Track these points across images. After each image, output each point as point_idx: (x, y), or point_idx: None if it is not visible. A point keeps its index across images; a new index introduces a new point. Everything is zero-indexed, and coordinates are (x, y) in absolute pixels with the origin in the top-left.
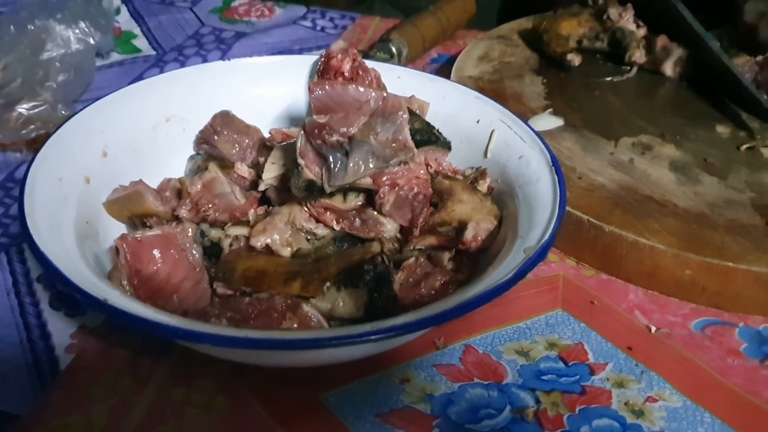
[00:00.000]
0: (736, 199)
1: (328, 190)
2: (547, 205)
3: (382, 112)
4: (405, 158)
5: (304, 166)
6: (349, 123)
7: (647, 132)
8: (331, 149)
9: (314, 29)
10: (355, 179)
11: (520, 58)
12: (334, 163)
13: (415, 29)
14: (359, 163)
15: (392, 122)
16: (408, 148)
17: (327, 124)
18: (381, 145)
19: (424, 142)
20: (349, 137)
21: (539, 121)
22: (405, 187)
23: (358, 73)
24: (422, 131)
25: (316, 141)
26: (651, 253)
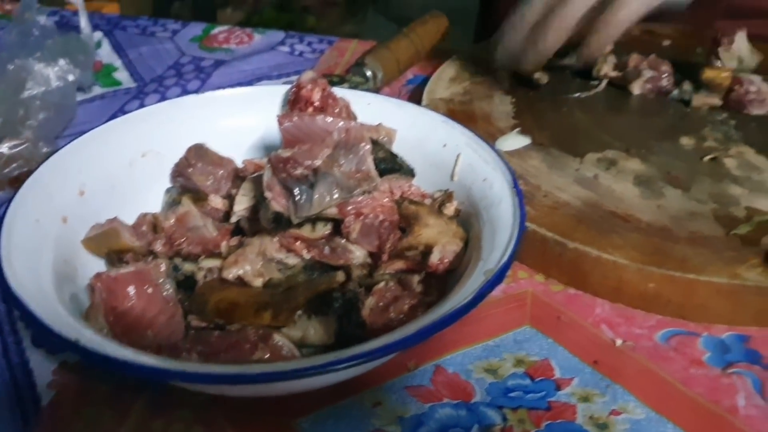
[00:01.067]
0: (698, 210)
1: (295, 221)
2: (507, 227)
3: (345, 144)
4: (368, 188)
5: (272, 199)
6: (314, 156)
7: (613, 147)
8: (296, 182)
9: (292, 54)
10: (321, 210)
11: (490, 78)
12: (300, 195)
13: (389, 52)
14: (324, 195)
15: (355, 153)
16: (371, 178)
17: (292, 157)
18: (345, 177)
19: (388, 171)
20: (314, 169)
21: (507, 141)
22: (370, 215)
23: (328, 102)
24: (386, 160)
25: (282, 174)
26: (615, 268)
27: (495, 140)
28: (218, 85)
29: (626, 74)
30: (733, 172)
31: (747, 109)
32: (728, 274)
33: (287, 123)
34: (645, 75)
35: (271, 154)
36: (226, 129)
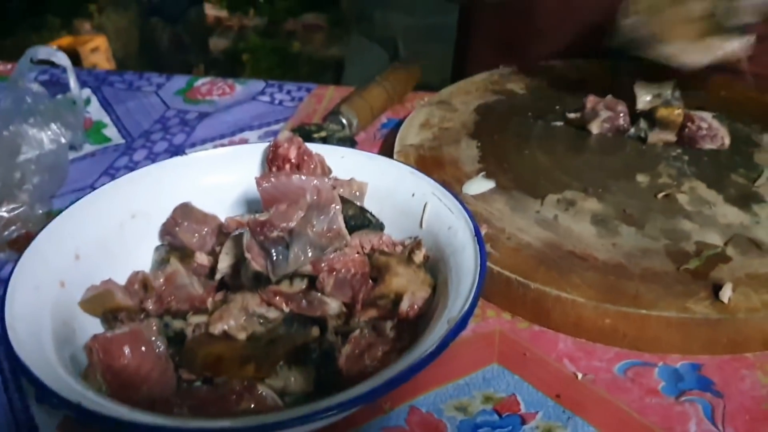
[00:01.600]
0: (651, 247)
1: (274, 279)
2: (469, 274)
3: (317, 205)
4: (339, 245)
5: (251, 259)
6: (288, 218)
7: (571, 187)
8: (273, 243)
9: (272, 103)
10: (297, 268)
11: (458, 123)
12: (276, 255)
13: (363, 101)
14: (299, 254)
15: (326, 214)
16: (341, 237)
17: (268, 221)
18: (317, 236)
19: (358, 227)
20: (289, 231)
21: (473, 185)
22: (342, 270)
23: (304, 159)
24: (356, 217)
25: (260, 237)
26: (573, 306)
27: (462, 185)
28: (203, 137)
29: (584, 115)
30: (685, 208)
31: (699, 144)
32: (678, 308)
33: (265, 184)
34: (602, 115)
35: (249, 219)
36: (210, 187)
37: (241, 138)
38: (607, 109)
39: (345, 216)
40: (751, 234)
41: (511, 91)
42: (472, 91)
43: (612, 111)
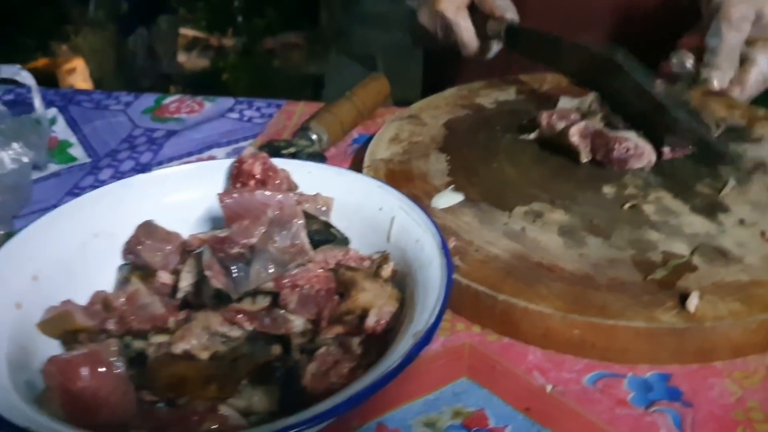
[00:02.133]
0: (618, 257)
1: (235, 297)
2: (436, 288)
3: (279, 220)
4: (302, 261)
5: (212, 277)
6: (249, 234)
7: (539, 199)
8: (233, 260)
9: (242, 120)
10: (258, 285)
11: (427, 137)
12: (237, 272)
13: (333, 116)
14: (260, 271)
15: (288, 230)
16: (304, 252)
17: (228, 237)
18: (279, 252)
19: (323, 242)
20: (250, 247)
21: (442, 199)
22: (306, 286)
23: (269, 175)
24: (320, 232)
25: (220, 254)
26: (541, 317)
27: (431, 198)
28: (170, 156)
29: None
30: (651, 218)
31: (628, 164)
32: (645, 318)
33: (228, 200)
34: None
35: (210, 235)
36: (174, 204)
37: (209, 155)
38: (561, 119)
39: (309, 231)
40: (717, 243)
41: (479, 105)
42: (442, 105)
43: (567, 120)
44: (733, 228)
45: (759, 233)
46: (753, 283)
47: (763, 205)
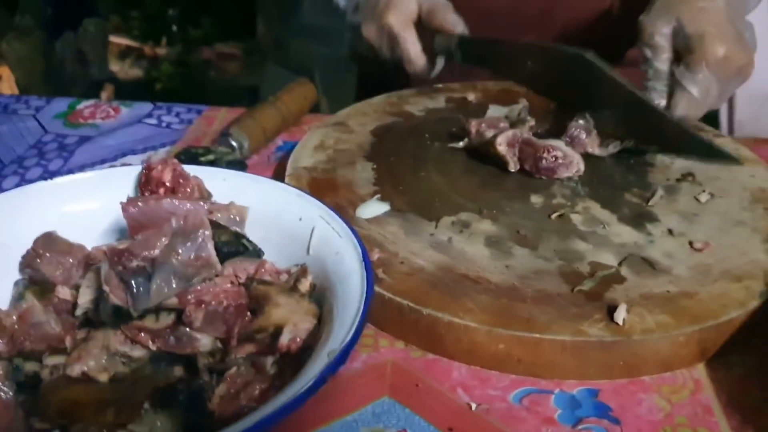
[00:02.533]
0: (544, 268)
1: (134, 314)
2: (355, 304)
3: (183, 231)
4: (208, 275)
5: (110, 292)
6: (151, 246)
7: (466, 209)
8: (132, 274)
9: (159, 126)
10: (160, 301)
11: (354, 144)
12: (137, 287)
13: (255, 122)
14: (162, 286)
15: (193, 241)
16: (211, 265)
17: (127, 249)
18: (183, 265)
19: (232, 254)
20: (151, 260)
21: (367, 209)
22: (213, 302)
23: (179, 182)
24: (230, 243)
25: (118, 268)
26: (466, 331)
27: (356, 208)
28: (81, 163)
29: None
30: (579, 228)
31: (557, 173)
32: (572, 331)
33: (131, 209)
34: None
35: (108, 247)
36: (77, 214)
37: (123, 163)
38: (490, 128)
39: (217, 242)
40: (645, 253)
41: (409, 112)
42: (370, 112)
43: (496, 128)
44: (662, 238)
45: (687, 243)
46: (681, 294)
47: (690, 215)
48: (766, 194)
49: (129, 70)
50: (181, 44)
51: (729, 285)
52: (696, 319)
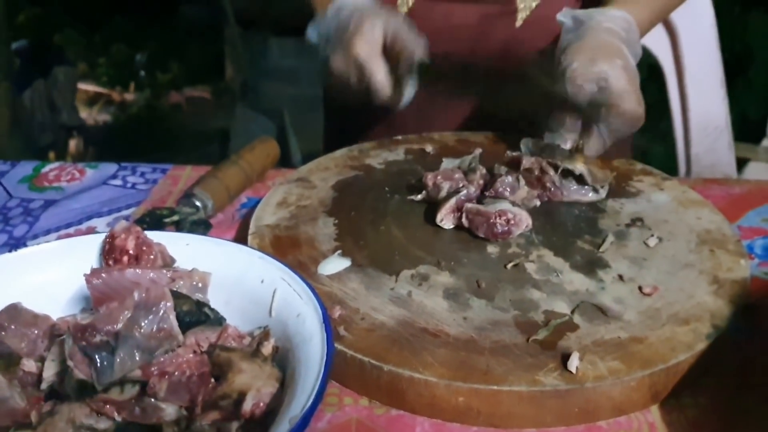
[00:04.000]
0: (501, 319)
1: (99, 388)
2: (315, 367)
3: (146, 303)
4: (170, 346)
5: (74, 367)
6: (114, 320)
7: (425, 262)
8: (96, 349)
9: (125, 187)
10: (123, 374)
11: (316, 200)
12: (101, 362)
13: (218, 181)
14: (125, 360)
15: (155, 313)
16: (173, 336)
17: (90, 325)
18: (146, 338)
19: (194, 323)
20: (115, 334)
21: (328, 265)
22: (176, 372)
23: (143, 249)
24: (191, 312)
25: (81, 342)
26: (427, 386)
27: (318, 264)
28: (47, 228)
29: (429, 192)
30: (533, 277)
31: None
32: (528, 381)
33: (95, 281)
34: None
35: (71, 322)
36: (42, 285)
37: (88, 226)
38: (446, 180)
39: (179, 312)
40: (597, 300)
41: (369, 166)
42: (331, 167)
43: (451, 179)
44: (612, 284)
45: (637, 288)
46: (632, 339)
47: (640, 260)
48: (712, 236)
49: (97, 116)
50: (149, 89)
51: (677, 328)
52: (646, 363)
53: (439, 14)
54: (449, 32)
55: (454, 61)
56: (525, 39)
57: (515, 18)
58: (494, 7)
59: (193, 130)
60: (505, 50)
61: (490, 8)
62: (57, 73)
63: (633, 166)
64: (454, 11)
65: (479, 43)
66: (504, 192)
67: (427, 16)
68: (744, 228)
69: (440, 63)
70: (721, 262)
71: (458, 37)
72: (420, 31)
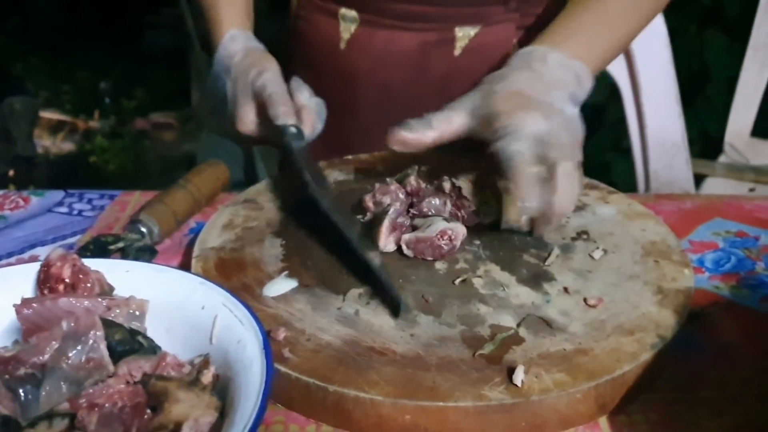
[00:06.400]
0: (448, 335)
1: (24, 423)
2: (253, 395)
3: (74, 334)
4: (100, 377)
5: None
6: (40, 351)
7: None
8: (20, 382)
9: (70, 214)
10: (50, 407)
11: (263, 221)
12: (24, 395)
13: (165, 206)
14: (51, 393)
15: (85, 343)
16: (103, 366)
17: (14, 357)
18: (74, 369)
19: (127, 353)
20: (41, 366)
21: (274, 286)
22: (107, 404)
23: (80, 278)
24: (123, 341)
25: (5, 376)
26: (373, 405)
27: (263, 287)
28: None
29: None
30: (480, 291)
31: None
32: (474, 396)
33: (25, 311)
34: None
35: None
36: None
37: (31, 255)
38: (384, 195)
39: (110, 342)
40: (542, 313)
41: None
42: (280, 188)
43: (387, 192)
44: (558, 297)
45: (582, 300)
46: (577, 351)
47: (585, 272)
48: (657, 247)
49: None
50: (114, 116)
51: (621, 339)
52: (591, 375)
53: (379, 42)
54: (390, 60)
55: (396, 89)
56: (464, 67)
57: (454, 46)
58: (433, 35)
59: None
60: (445, 78)
61: (429, 36)
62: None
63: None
64: (394, 39)
65: (419, 71)
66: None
67: (368, 43)
68: (695, 242)
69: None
70: (665, 273)
71: (399, 65)
72: (362, 59)
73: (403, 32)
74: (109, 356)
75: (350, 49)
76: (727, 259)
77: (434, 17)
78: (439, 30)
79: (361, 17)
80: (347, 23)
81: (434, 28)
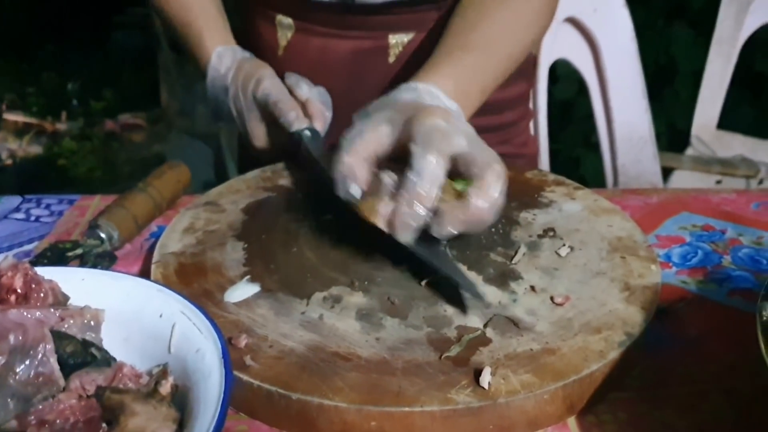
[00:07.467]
0: (414, 337)
1: None
2: (212, 406)
3: (22, 348)
4: (50, 392)
5: None
6: None
7: (338, 283)
8: None
9: (28, 220)
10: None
11: (225, 224)
12: None
13: (125, 211)
14: None
15: (33, 357)
16: (53, 381)
17: None
18: (22, 385)
19: (79, 366)
20: None
21: (235, 292)
22: (57, 420)
23: (32, 287)
24: (75, 354)
25: None
26: (337, 412)
27: (225, 292)
28: None
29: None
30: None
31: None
32: (440, 400)
33: None
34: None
35: None
36: None
37: None
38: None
39: (61, 355)
40: (509, 312)
41: (282, 187)
42: (243, 189)
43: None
44: (524, 296)
45: (549, 299)
46: (544, 351)
47: (551, 270)
48: (623, 243)
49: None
50: (82, 118)
51: (589, 337)
52: (559, 375)
53: (314, 49)
54: (325, 67)
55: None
56: (399, 74)
57: (388, 54)
58: (367, 42)
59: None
60: (380, 85)
61: (363, 43)
62: None
63: (546, 177)
64: (328, 46)
65: (355, 79)
66: None
67: (304, 50)
68: (662, 237)
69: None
70: (632, 269)
71: (334, 73)
72: (299, 66)
73: (338, 40)
74: (59, 370)
75: (288, 55)
76: (694, 254)
77: (367, 25)
78: (372, 38)
79: (296, 24)
80: (284, 30)
81: (368, 36)
